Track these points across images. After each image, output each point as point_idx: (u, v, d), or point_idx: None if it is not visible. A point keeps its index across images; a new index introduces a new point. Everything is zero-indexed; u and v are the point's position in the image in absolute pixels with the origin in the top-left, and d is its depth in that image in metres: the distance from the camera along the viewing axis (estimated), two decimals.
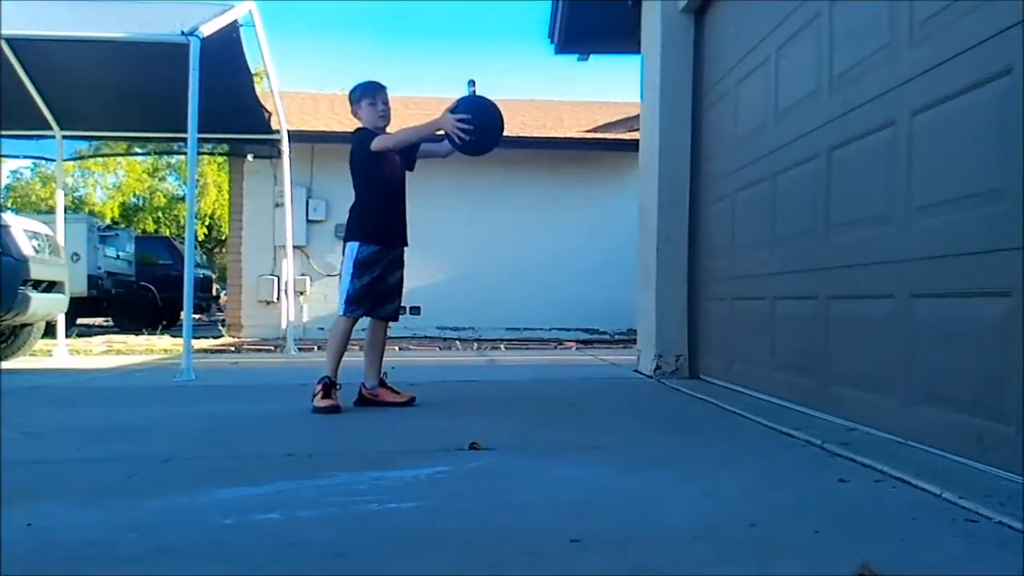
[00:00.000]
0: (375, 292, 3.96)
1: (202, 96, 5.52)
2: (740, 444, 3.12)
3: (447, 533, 1.91)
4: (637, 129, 6.43)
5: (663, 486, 2.41)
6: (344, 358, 3.95)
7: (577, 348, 9.54)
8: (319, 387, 3.85)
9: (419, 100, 13.33)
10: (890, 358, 3.02)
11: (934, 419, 2.75)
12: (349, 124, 12.22)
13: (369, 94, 4.06)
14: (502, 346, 9.77)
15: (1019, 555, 1.73)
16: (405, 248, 4.15)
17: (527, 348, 9.56)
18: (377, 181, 4.00)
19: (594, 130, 12.22)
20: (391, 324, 4.20)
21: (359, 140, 4.01)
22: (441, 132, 3.86)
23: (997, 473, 2.36)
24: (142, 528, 1.92)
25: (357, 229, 3.98)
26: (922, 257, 2.83)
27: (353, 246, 3.95)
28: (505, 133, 3.91)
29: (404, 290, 4.15)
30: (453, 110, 3.80)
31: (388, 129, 4.06)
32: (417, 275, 11.50)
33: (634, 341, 6.38)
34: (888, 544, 1.83)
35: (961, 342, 2.62)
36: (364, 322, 4.09)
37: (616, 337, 11.36)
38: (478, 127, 3.76)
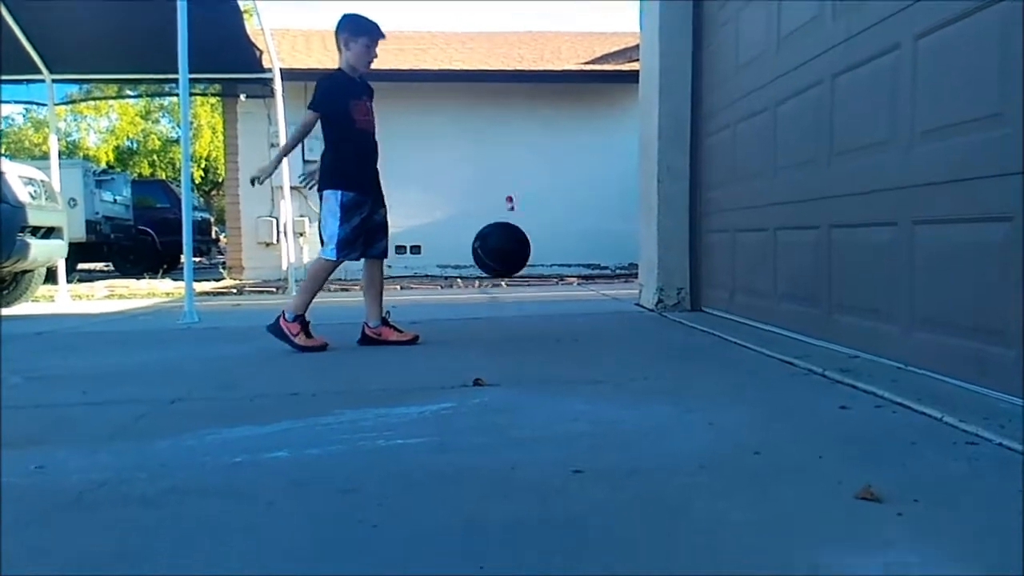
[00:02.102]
0: (366, 231, 3.95)
1: (192, 35, 5.40)
2: (743, 374, 3.14)
3: (454, 468, 1.93)
4: (637, 60, 6.30)
5: (667, 417, 2.43)
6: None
7: (579, 284, 9.54)
8: (295, 325, 3.85)
9: (411, 35, 13.06)
10: (892, 285, 3.02)
11: (935, 344, 2.76)
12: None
13: (370, 35, 3.92)
14: (503, 283, 9.78)
15: (1019, 476, 1.75)
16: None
17: (528, 285, 9.57)
18: (350, 129, 3.92)
19: (593, 62, 11.99)
20: (385, 261, 4.20)
21: (336, 85, 3.91)
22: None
23: (997, 396, 2.38)
24: (151, 469, 1.94)
25: (335, 177, 3.91)
26: (924, 183, 2.80)
27: (335, 193, 3.89)
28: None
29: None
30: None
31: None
32: (417, 214, 11.47)
33: (636, 276, 6.38)
34: (890, 468, 1.85)
35: (962, 267, 2.61)
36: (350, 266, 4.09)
37: (618, 272, 11.36)
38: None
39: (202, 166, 27.16)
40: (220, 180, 24.01)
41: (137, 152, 28.51)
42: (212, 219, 19.04)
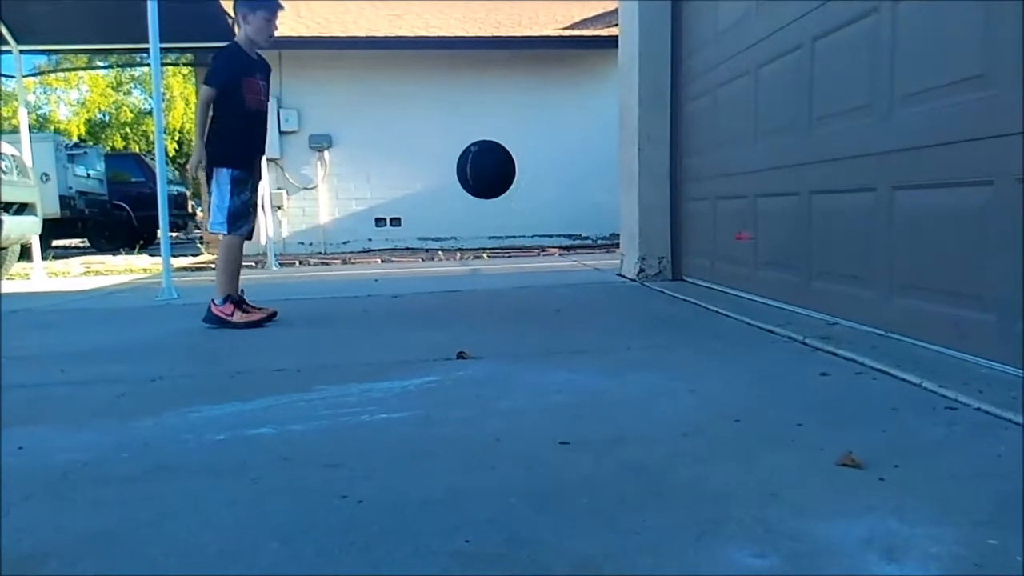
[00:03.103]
0: (248, 209, 3.96)
1: (162, 4, 5.27)
2: (724, 342, 3.16)
3: (439, 441, 1.94)
4: (616, 24, 6.24)
5: (650, 386, 2.44)
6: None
7: (560, 254, 9.54)
8: (227, 307, 3.84)
9: (386, 1, 12.84)
10: (871, 251, 3.04)
11: (914, 310, 2.78)
12: (316, 28, 11.77)
13: (268, 9, 3.83)
14: (485, 255, 9.75)
15: (997, 439, 1.78)
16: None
17: (510, 256, 9.55)
18: (240, 107, 3.84)
19: (572, 27, 11.87)
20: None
21: (230, 60, 3.85)
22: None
23: (976, 361, 2.41)
24: (134, 447, 1.93)
25: (224, 155, 3.85)
26: (904, 148, 2.81)
27: (226, 170, 3.86)
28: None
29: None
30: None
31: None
32: (396, 185, 11.38)
33: (617, 246, 6.38)
34: (870, 433, 1.87)
35: (942, 233, 2.63)
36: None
37: (599, 242, 11.36)
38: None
39: (176, 139, 26.72)
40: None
41: (109, 125, 28.00)
42: (188, 193, 18.76)
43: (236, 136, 3.87)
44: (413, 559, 1.27)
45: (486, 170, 3.84)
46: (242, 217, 3.91)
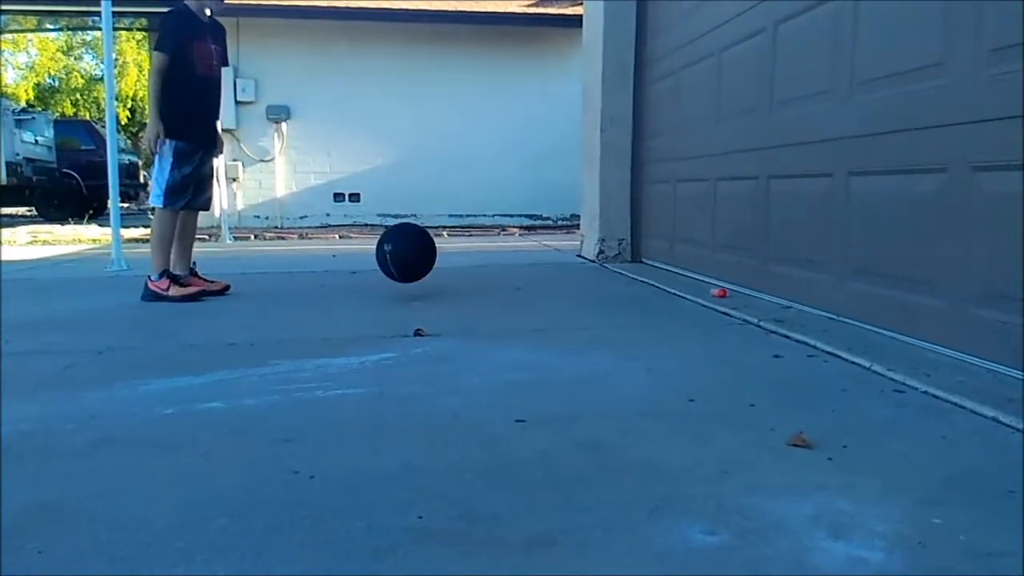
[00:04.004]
0: (195, 181, 3.86)
1: None
2: (680, 324, 3.19)
3: (394, 417, 1.92)
4: (581, 3, 6.20)
5: (606, 366, 2.45)
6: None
7: (520, 234, 9.53)
8: (163, 282, 3.76)
9: None
10: (826, 236, 3.08)
11: (866, 295, 2.84)
12: None
13: None
14: (444, 233, 9.70)
15: (943, 421, 1.83)
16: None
17: (470, 235, 9.51)
18: (188, 74, 3.75)
19: (537, 3, 11.78)
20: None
21: (179, 25, 3.75)
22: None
23: (924, 346, 2.47)
24: (80, 420, 1.88)
25: (169, 126, 3.74)
26: (861, 134, 2.85)
27: (169, 141, 3.76)
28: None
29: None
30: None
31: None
32: (356, 160, 11.23)
33: (578, 227, 6.39)
34: (820, 414, 1.91)
35: (896, 219, 2.67)
36: None
37: (560, 223, 11.37)
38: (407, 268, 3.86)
39: (128, 106, 25.97)
40: (147, 121, 23.09)
41: (59, 90, 27.09)
42: (140, 162, 18.28)
43: (184, 105, 3.75)
44: (365, 534, 1.26)
45: (408, 260, 3.82)
46: (180, 192, 3.80)
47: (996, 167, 2.21)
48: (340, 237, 8.89)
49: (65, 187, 14.15)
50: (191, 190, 3.84)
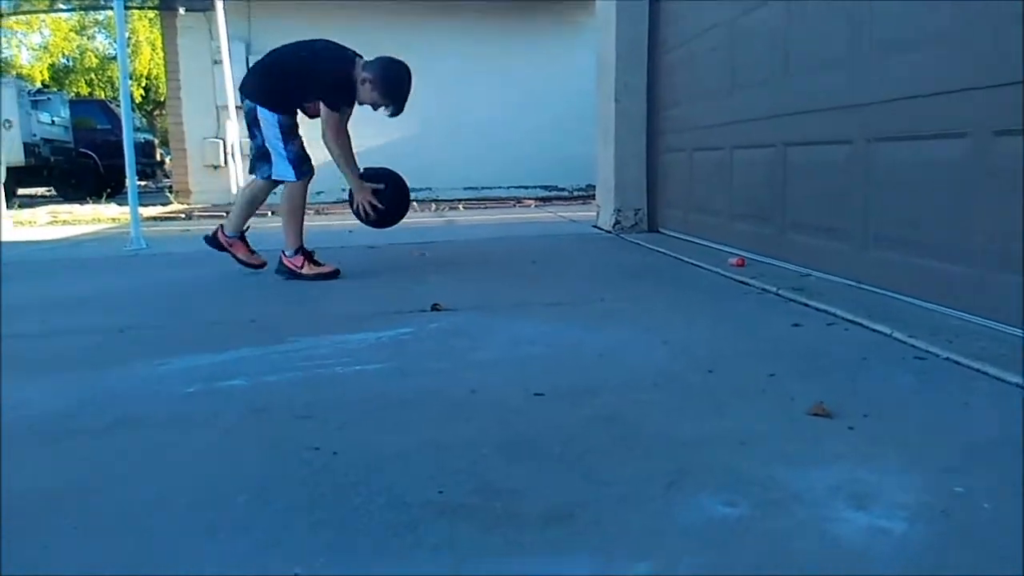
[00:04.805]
0: (306, 150, 3.77)
1: None
2: (698, 294, 3.17)
3: (412, 392, 1.93)
4: None
5: (624, 338, 2.45)
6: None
7: (536, 206, 9.49)
8: (297, 259, 3.68)
9: None
10: (846, 203, 3.04)
11: (887, 261, 2.80)
12: None
13: (392, 97, 3.75)
14: (460, 206, 9.68)
15: (966, 389, 1.81)
16: None
17: (485, 207, 9.49)
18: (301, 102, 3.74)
19: None
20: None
21: (349, 90, 3.67)
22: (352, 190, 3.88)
23: (947, 312, 2.44)
24: (103, 400, 1.90)
25: (272, 100, 3.65)
26: (882, 100, 2.79)
27: (271, 114, 3.64)
28: None
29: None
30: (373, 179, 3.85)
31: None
32: (370, 134, 11.14)
33: (593, 197, 6.35)
34: (841, 383, 1.89)
35: (917, 184, 2.63)
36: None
37: (575, 194, 11.31)
38: (386, 210, 3.89)
39: (143, 84, 26.02)
40: (162, 99, 23.08)
41: (73, 70, 27.13)
42: (156, 141, 18.34)
43: (284, 87, 3.67)
44: (385, 510, 1.27)
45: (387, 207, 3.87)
46: (304, 159, 3.70)
47: (1018, 131, 2.16)
48: None
49: (83, 167, 14.23)
50: (308, 160, 3.74)
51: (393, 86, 3.69)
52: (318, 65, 3.65)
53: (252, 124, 3.72)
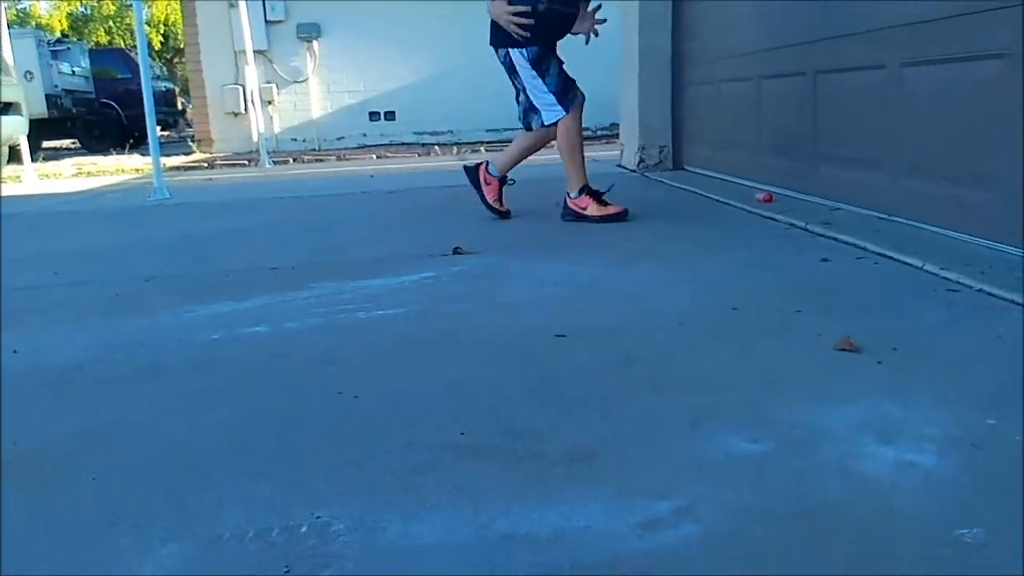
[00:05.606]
0: (570, 78, 3.49)
1: None
2: (724, 231, 3.12)
3: (434, 335, 1.92)
4: None
5: (648, 277, 2.41)
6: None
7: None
8: (583, 200, 3.46)
9: None
10: (878, 132, 2.95)
11: (919, 192, 2.72)
12: None
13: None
14: (483, 149, 9.57)
15: (998, 321, 1.76)
16: None
17: None
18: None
19: None
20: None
21: None
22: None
23: (979, 242, 2.37)
24: (129, 348, 1.92)
25: (511, 33, 3.41)
26: (915, 22, 2.68)
27: (520, 53, 3.43)
28: None
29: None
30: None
31: None
32: (390, 76, 11.05)
33: (617, 136, 6.23)
34: (869, 318, 1.86)
35: (951, 110, 2.53)
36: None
37: (599, 132, 11.11)
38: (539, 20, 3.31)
39: (161, 32, 25.85)
40: (181, 46, 22.89)
41: (92, 19, 27.03)
42: (177, 89, 18.27)
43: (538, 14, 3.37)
44: (407, 451, 1.27)
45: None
46: (569, 88, 3.44)
47: None
48: (377, 157, 8.85)
49: (105, 117, 14.25)
50: (573, 82, 3.50)
51: None
52: None
53: (511, 75, 3.53)
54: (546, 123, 3.48)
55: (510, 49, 3.44)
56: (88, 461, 1.30)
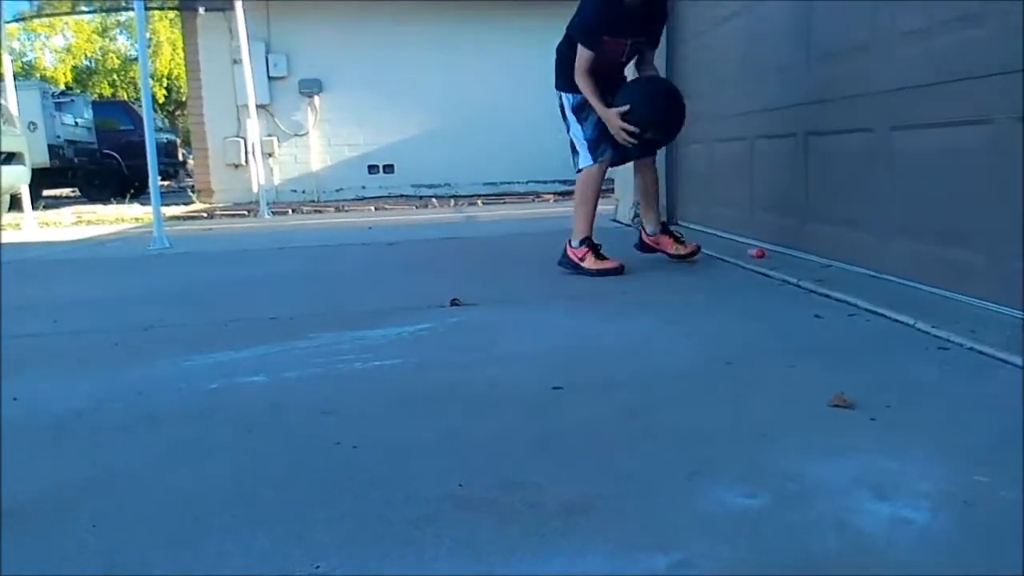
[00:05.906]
0: (605, 130, 3.45)
1: None
2: (718, 286, 3.16)
3: (431, 387, 1.94)
4: None
5: (644, 331, 2.44)
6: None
7: (555, 201, 9.48)
8: (581, 250, 3.50)
9: None
10: (867, 193, 3.01)
11: (909, 251, 2.77)
12: None
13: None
14: (479, 202, 9.69)
15: (989, 378, 1.79)
16: None
17: (504, 203, 9.49)
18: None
19: None
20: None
21: (591, 14, 3.42)
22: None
23: (969, 301, 2.41)
24: (128, 396, 1.93)
25: (564, 76, 3.52)
26: (902, 87, 2.76)
27: (569, 98, 3.54)
28: None
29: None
30: (622, 104, 3.33)
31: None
32: (388, 131, 11.23)
33: (612, 191, 6.33)
34: (862, 374, 1.88)
35: (938, 173, 2.60)
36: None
37: None
38: (646, 122, 3.33)
39: (164, 85, 26.26)
40: (184, 99, 23.26)
41: (96, 72, 27.48)
42: (178, 140, 18.51)
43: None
44: (406, 503, 1.28)
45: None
46: (603, 139, 3.46)
47: None
48: (376, 209, 8.94)
49: (106, 167, 14.39)
50: (609, 138, 3.45)
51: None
52: (582, 5, 3.47)
53: (564, 118, 3.64)
54: (578, 167, 3.59)
55: (562, 93, 3.60)
56: (88, 509, 1.31)
